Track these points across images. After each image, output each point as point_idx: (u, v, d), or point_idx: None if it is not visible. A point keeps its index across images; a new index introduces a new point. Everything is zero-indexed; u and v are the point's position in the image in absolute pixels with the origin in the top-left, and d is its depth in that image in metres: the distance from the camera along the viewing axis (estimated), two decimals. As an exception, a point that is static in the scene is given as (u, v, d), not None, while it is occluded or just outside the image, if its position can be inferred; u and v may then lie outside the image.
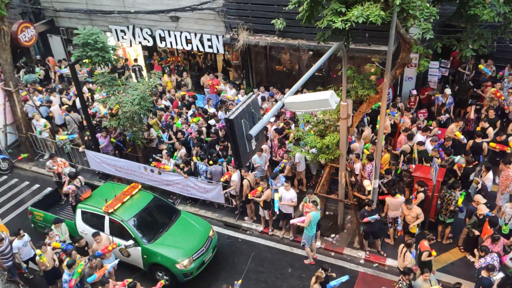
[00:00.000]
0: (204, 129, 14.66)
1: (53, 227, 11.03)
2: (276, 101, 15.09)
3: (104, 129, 14.79)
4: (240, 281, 9.46)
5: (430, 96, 15.15)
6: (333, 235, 12.09)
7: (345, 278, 9.40)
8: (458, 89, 15.41)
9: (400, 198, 11.02)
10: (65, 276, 9.56)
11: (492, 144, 12.34)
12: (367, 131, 13.49)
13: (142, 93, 13.19)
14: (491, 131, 12.78)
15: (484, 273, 8.90)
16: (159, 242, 10.92)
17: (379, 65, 11.51)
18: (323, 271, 9.40)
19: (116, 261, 10.26)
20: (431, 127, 13.44)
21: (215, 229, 12.10)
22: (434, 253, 10.00)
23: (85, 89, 17.27)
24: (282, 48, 16.57)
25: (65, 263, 9.74)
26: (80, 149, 14.91)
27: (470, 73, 15.81)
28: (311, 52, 16.22)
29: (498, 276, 8.85)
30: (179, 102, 16.43)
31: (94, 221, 11.41)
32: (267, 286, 10.91)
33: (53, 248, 10.52)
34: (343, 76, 9.93)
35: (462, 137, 12.77)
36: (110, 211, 11.15)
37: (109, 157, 14.49)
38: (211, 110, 15.64)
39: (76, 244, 10.42)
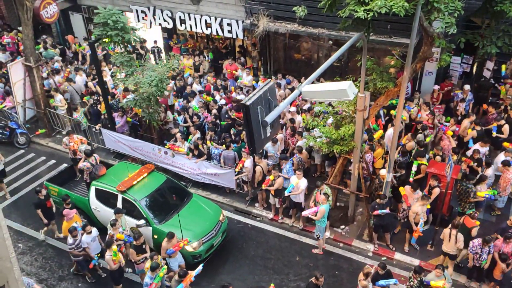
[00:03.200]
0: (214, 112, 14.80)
1: (114, 217, 10.66)
2: (292, 88, 15.06)
3: (121, 109, 14.92)
4: None
5: (449, 92, 14.92)
6: (342, 226, 12.09)
7: (393, 281, 9.28)
8: (478, 86, 15.14)
9: (418, 192, 11.01)
10: (146, 279, 9.33)
11: (506, 144, 12.17)
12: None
13: (161, 75, 13.23)
14: (506, 129, 12.63)
15: None
16: (170, 223, 11.05)
17: (400, 58, 11.35)
18: (375, 267, 9.30)
19: (200, 267, 9.51)
20: (449, 124, 13.30)
21: (226, 213, 12.19)
22: (477, 222, 10.10)
23: (107, 70, 17.42)
24: (301, 36, 16.43)
25: (147, 264, 9.56)
26: (97, 127, 15.08)
27: (492, 70, 15.49)
28: (330, 42, 16.05)
29: None
30: (212, 86, 16.46)
31: (107, 199, 11.58)
32: (274, 273, 10.99)
33: (116, 240, 10.24)
34: (362, 67, 9.82)
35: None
36: (123, 190, 11.30)
37: (124, 137, 14.63)
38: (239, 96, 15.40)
39: (135, 242, 10.09)
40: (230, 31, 16.74)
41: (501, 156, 11.79)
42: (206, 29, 17.19)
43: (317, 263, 11.19)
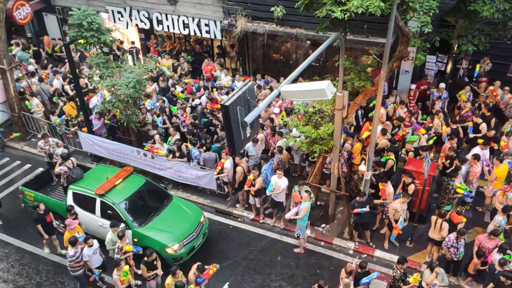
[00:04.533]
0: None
1: (112, 230, 10.21)
2: (271, 89, 15.09)
3: (97, 112, 14.70)
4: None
5: (425, 91, 15.18)
6: (323, 225, 12.17)
7: (375, 274, 9.36)
8: (453, 84, 15.44)
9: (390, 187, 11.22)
10: None
11: (481, 141, 12.44)
12: None
13: (138, 76, 13.08)
14: (484, 127, 12.88)
15: (498, 267, 8.99)
16: (150, 226, 10.94)
17: (376, 57, 11.49)
18: (356, 261, 9.32)
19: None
20: (425, 122, 13.53)
21: (206, 215, 12.13)
22: (464, 219, 10.32)
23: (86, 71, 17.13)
24: (280, 37, 16.47)
25: (167, 281, 9.18)
26: (72, 129, 14.81)
27: (466, 69, 15.83)
28: (309, 42, 16.15)
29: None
30: (193, 88, 16.34)
31: (86, 203, 11.39)
32: (256, 273, 10.99)
33: (125, 252, 9.92)
34: (340, 67, 9.91)
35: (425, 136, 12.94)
36: (101, 193, 11.13)
37: (102, 140, 14.41)
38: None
39: (145, 259, 9.68)
40: (208, 32, 16.66)
41: (476, 149, 12.01)
42: (184, 29, 17.07)
43: (298, 262, 11.24)
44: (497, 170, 11.40)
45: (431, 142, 12.67)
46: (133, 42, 19.05)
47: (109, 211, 11.10)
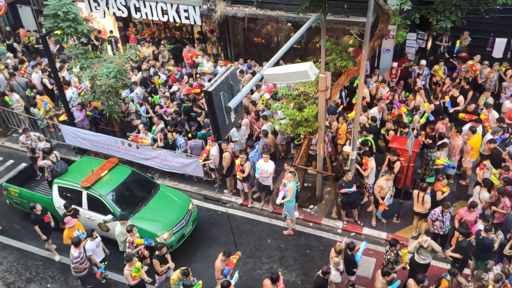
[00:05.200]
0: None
1: (120, 223, 10.10)
2: (254, 73, 15.02)
3: (79, 103, 14.47)
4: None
5: (407, 68, 15.28)
6: (311, 206, 12.28)
7: (364, 244, 9.49)
8: (434, 61, 15.57)
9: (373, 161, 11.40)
10: None
11: (462, 115, 12.63)
12: None
13: (119, 66, 12.88)
14: (462, 100, 13.09)
15: (483, 234, 9.19)
16: (139, 216, 10.90)
17: (357, 36, 11.49)
18: (345, 245, 9.26)
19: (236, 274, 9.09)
20: (408, 98, 13.66)
21: (195, 202, 12.13)
22: (445, 189, 10.50)
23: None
24: (260, 20, 16.34)
25: (173, 276, 9.02)
26: (55, 121, 14.54)
27: (447, 45, 15.95)
28: (289, 24, 16.06)
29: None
30: (176, 76, 16.16)
31: (72, 196, 11.28)
32: (247, 257, 11.07)
33: (136, 246, 9.80)
34: (322, 48, 9.89)
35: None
36: (87, 186, 11.03)
37: (85, 132, 14.23)
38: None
39: (157, 252, 9.49)
40: (187, 18, 16.43)
41: (468, 125, 12.09)
42: (163, 16, 16.80)
43: (288, 244, 11.35)
44: (471, 141, 11.65)
45: (422, 120, 12.76)
46: (111, 31, 18.74)
47: (96, 203, 11.02)
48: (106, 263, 10.20)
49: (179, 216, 11.11)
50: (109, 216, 10.75)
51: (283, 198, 10.81)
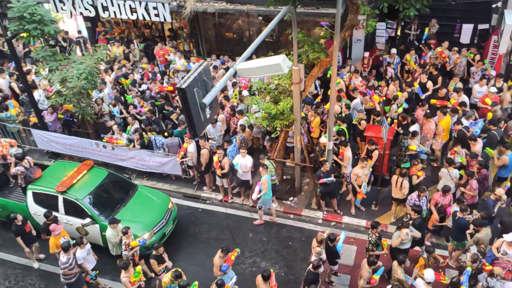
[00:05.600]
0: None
1: (110, 227, 9.94)
2: (227, 68, 14.97)
3: (50, 106, 14.15)
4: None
5: (378, 57, 15.49)
6: (291, 198, 12.36)
7: (343, 234, 9.61)
8: (404, 49, 15.82)
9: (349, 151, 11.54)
10: None
11: (433, 101, 12.90)
12: None
13: (89, 68, 12.64)
14: (430, 85, 13.38)
15: (459, 214, 9.44)
16: (118, 218, 10.76)
17: (328, 28, 11.57)
18: (327, 236, 9.31)
19: (235, 278, 9.07)
20: (381, 87, 13.85)
21: (174, 201, 12.05)
22: (420, 173, 10.70)
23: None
24: (231, 15, 16.27)
25: (165, 278, 8.87)
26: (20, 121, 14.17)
27: (416, 33, 16.22)
28: (260, 18, 16.04)
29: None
30: (150, 74, 15.93)
31: (47, 201, 11.05)
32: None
33: (132, 248, 9.61)
34: (294, 40, 9.92)
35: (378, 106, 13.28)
36: (63, 190, 10.83)
37: (57, 135, 13.94)
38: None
39: (154, 252, 9.39)
40: (157, 15, 16.19)
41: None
42: (132, 14, 16.52)
43: (270, 237, 11.41)
44: (442, 122, 11.96)
45: (400, 109, 12.94)
46: (79, 32, 18.36)
47: (73, 208, 10.83)
48: (97, 272, 10.01)
49: (159, 216, 11.03)
50: (87, 220, 10.58)
51: (259, 192, 10.87)
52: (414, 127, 11.94)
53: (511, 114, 12.37)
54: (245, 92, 14.05)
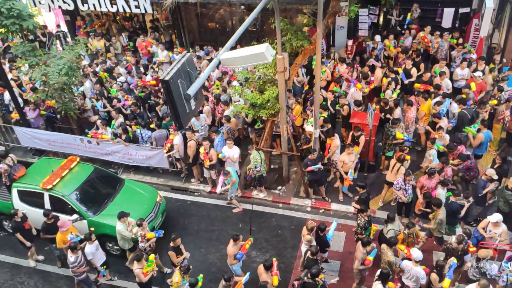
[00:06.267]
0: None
1: (120, 221, 9.85)
2: (211, 59, 14.85)
3: (32, 103, 13.92)
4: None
5: (361, 44, 15.52)
6: (279, 187, 12.39)
7: (334, 223, 9.65)
8: (387, 35, 15.86)
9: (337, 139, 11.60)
10: None
11: (417, 85, 13.00)
12: None
13: (69, 62, 12.43)
14: (415, 72, 13.47)
15: (452, 198, 9.59)
16: (105, 213, 10.70)
17: (311, 15, 11.53)
18: (316, 226, 9.36)
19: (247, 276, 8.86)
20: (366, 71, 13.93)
21: (162, 194, 12.00)
22: (408, 157, 10.82)
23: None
24: (213, 4, 16.10)
25: (176, 279, 8.68)
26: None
27: (398, 18, 16.27)
28: (243, 7, 15.92)
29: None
30: (133, 67, 15.72)
31: (33, 199, 10.91)
32: (220, 243, 11.09)
33: (148, 240, 9.54)
34: (277, 29, 9.86)
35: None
36: (49, 187, 10.70)
37: (40, 132, 13.74)
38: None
39: (172, 244, 9.26)
40: (137, 6, 15.96)
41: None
42: (112, 6, 16.25)
43: (260, 227, 11.44)
44: (423, 107, 12.13)
45: (395, 95, 12.99)
46: (58, 26, 18.03)
47: (60, 204, 10.72)
48: (105, 266, 9.91)
49: (147, 210, 10.98)
50: (75, 216, 10.49)
51: (224, 184, 11.06)
52: (397, 112, 12.02)
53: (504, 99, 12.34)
54: (235, 83, 13.97)
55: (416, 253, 8.41)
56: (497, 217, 9.04)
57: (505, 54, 14.35)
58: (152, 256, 9.10)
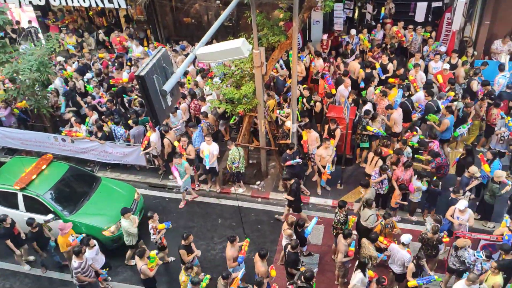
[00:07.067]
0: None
1: (124, 217, 9.72)
2: (188, 54, 14.71)
3: (3, 100, 13.54)
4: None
5: (337, 38, 15.62)
6: (258, 182, 12.40)
7: (315, 220, 9.67)
8: (363, 29, 16.00)
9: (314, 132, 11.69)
10: None
11: (391, 80, 13.16)
12: None
13: (41, 58, 12.13)
14: (391, 67, 13.65)
15: (452, 195, 9.72)
16: (82, 212, 10.54)
17: (287, 10, 11.53)
18: (296, 221, 9.37)
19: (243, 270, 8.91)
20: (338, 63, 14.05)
21: (140, 191, 11.87)
22: (390, 151, 10.95)
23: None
24: (188, -1, 15.98)
25: (182, 278, 8.65)
26: None
27: (373, 13, 16.43)
28: (218, 1, 15.81)
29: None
30: (109, 63, 15.41)
31: (6, 199, 10.68)
32: (200, 239, 11.05)
33: (159, 231, 9.56)
34: (253, 23, 9.84)
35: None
36: (22, 186, 10.45)
37: (12, 130, 13.42)
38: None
39: (183, 242, 9.10)
40: (110, 1, 15.70)
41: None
42: (84, 1, 15.93)
43: (239, 222, 11.42)
44: (390, 96, 12.31)
45: (377, 91, 13.09)
46: (29, 22, 17.57)
47: (34, 204, 10.49)
48: (107, 269, 9.72)
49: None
50: (50, 216, 10.27)
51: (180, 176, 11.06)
52: (366, 107, 12.17)
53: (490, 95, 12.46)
54: (216, 79, 13.86)
55: (405, 236, 8.62)
56: (463, 203, 9.29)
57: (477, 47, 14.67)
58: (153, 253, 8.97)
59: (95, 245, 9.44)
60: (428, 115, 11.65)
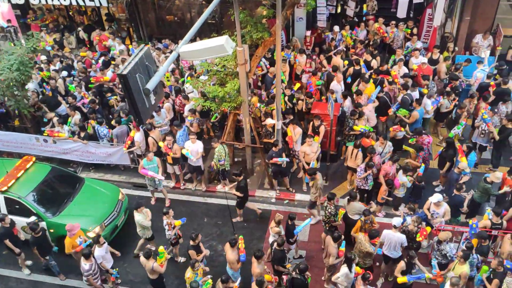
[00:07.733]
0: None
1: (137, 211, 9.78)
2: (171, 52, 14.60)
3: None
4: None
5: (320, 35, 15.66)
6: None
7: (308, 221, 9.71)
8: (344, 25, 16.08)
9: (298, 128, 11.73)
10: None
11: (374, 76, 13.25)
12: None
13: (20, 57, 11.91)
14: (375, 63, 13.76)
15: (456, 192, 9.79)
16: (65, 214, 10.40)
17: (270, 7, 11.52)
18: (285, 217, 9.39)
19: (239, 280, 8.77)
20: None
21: (125, 191, 11.76)
22: (373, 142, 11.04)
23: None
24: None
25: (188, 274, 8.57)
26: None
27: (355, 9, 16.50)
28: (201, -1, 15.73)
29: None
30: (92, 61, 15.18)
31: (-13, 202, 10.45)
32: (186, 238, 10.93)
33: (174, 227, 9.57)
34: (236, 20, 9.80)
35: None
36: (3, 189, 10.26)
37: (-8, 132, 13.15)
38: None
39: (192, 242, 9.05)
40: (91, 0, 15.48)
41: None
42: (64, 0, 15.67)
43: (225, 220, 11.40)
44: (367, 90, 12.48)
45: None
46: (9, 21, 17.19)
47: (16, 206, 10.32)
48: (117, 269, 9.58)
49: (109, 208, 10.75)
50: (32, 218, 10.10)
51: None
52: (346, 104, 12.22)
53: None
54: (202, 77, 13.78)
55: (396, 219, 8.81)
56: (437, 197, 9.42)
57: (458, 42, 14.86)
58: (161, 248, 8.96)
59: (104, 242, 9.32)
60: (404, 108, 11.80)
